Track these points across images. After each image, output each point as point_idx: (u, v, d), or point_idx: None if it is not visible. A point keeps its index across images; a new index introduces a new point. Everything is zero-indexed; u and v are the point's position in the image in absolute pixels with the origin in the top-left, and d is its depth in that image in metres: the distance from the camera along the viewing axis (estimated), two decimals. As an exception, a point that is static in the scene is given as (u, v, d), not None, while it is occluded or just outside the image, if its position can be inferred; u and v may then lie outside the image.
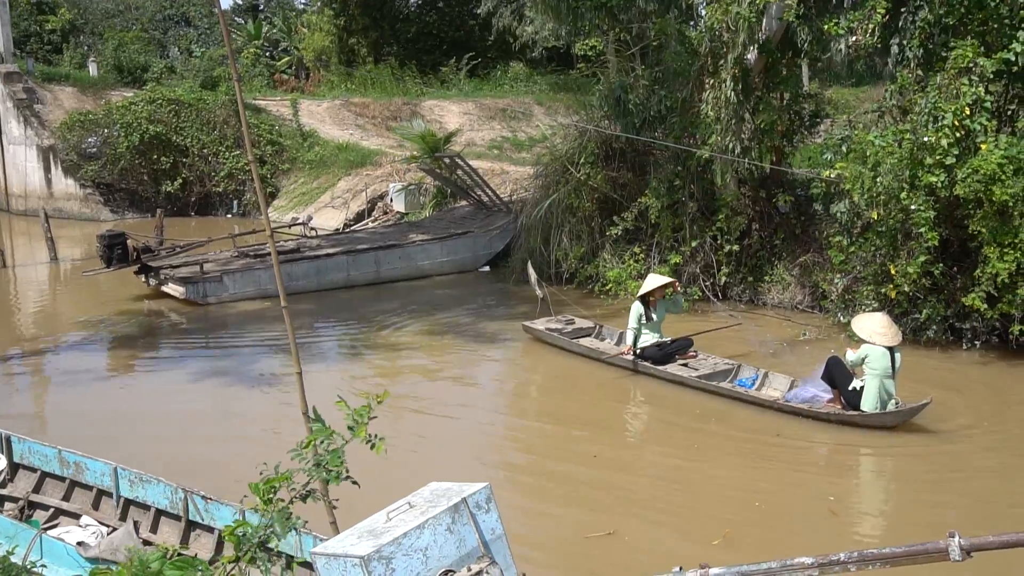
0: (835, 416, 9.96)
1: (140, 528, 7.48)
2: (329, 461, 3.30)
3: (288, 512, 3.16)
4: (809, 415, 10.14)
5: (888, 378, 9.78)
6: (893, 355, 9.80)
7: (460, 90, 33.22)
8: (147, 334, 15.47)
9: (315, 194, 25.72)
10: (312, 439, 3.33)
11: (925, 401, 9.69)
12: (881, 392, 9.75)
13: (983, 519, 7.89)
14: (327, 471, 3.27)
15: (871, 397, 9.76)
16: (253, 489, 3.22)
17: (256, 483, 3.25)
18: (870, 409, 9.74)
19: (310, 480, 3.29)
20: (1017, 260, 11.53)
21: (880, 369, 9.73)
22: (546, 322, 13.73)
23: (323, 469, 3.27)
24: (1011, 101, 12.88)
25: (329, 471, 3.28)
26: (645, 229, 16.27)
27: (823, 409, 10.07)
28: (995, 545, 3.24)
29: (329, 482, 3.29)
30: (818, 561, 3.58)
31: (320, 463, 3.30)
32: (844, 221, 13.18)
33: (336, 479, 3.31)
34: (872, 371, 9.75)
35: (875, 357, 9.74)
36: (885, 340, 9.77)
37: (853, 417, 9.87)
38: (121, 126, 26.88)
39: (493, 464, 9.75)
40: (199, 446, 9.90)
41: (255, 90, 33.62)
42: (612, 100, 16.47)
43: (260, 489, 3.20)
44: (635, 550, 7.61)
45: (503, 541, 4.77)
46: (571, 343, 13.05)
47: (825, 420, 10.03)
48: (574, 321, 13.78)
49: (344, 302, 16.99)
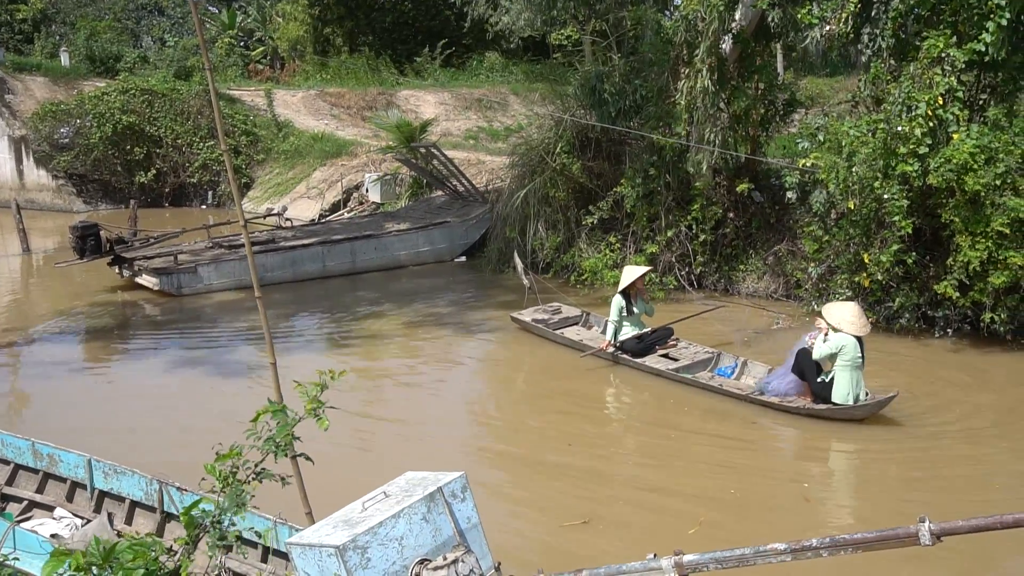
0: (805, 410, 10.00)
1: (115, 520, 7.44)
2: (277, 433, 3.30)
3: (241, 490, 3.16)
4: (780, 408, 10.19)
5: (858, 369, 9.80)
6: (862, 346, 9.83)
7: (436, 80, 33.14)
8: (121, 326, 15.37)
9: (290, 184, 25.61)
10: (261, 413, 3.33)
11: (892, 394, 9.73)
12: (853, 384, 9.77)
13: (954, 506, 7.96)
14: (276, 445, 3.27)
15: (843, 388, 9.77)
16: (209, 470, 3.21)
17: (211, 464, 3.24)
18: (842, 401, 9.77)
19: (264, 457, 3.29)
20: (988, 249, 11.63)
21: (851, 359, 9.75)
22: (533, 312, 13.75)
23: (272, 443, 3.27)
24: (982, 91, 12.99)
25: (278, 445, 3.27)
26: (621, 219, 16.32)
27: (793, 403, 10.12)
28: (964, 529, 3.28)
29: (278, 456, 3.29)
30: (791, 547, 3.61)
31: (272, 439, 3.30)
32: (820, 211, 13.26)
33: (284, 452, 3.30)
34: (844, 362, 9.77)
35: (848, 347, 9.77)
36: (854, 329, 9.78)
37: (822, 411, 9.89)
38: (94, 116, 26.66)
39: (469, 453, 9.76)
40: (174, 437, 9.85)
41: (229, 80, 33.40)
42: (588, 90, 16.48)
43: (216, 470, 3.20)
44: (610, 538, 7.65)
45: (479, 530, 4.78)
46: (555, 334, 13.06)
47: (795, 414, 10.08)
48: (561, 310, 13.81)
49: (320, 293, 16.95)
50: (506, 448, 10.08)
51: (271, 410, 3.33)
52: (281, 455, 3.31)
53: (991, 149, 11.64)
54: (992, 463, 9.03)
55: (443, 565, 4.37)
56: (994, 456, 9.20)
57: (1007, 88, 12.94)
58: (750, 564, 3.72)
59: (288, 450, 3.31)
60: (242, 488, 3.19)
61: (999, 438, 9.65)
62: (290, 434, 3.30)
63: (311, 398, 3.40)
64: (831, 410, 9.82)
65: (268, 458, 3.43)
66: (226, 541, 3.17)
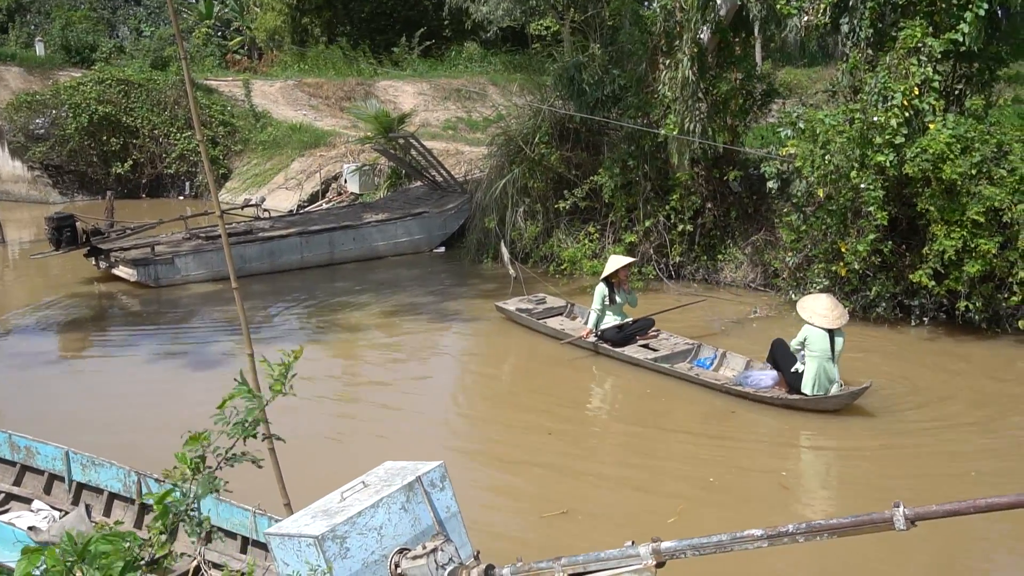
0: (779, 400, 10.03)
1: (93, 512, 7.41)
2: (247, 414, 3.29)
3: (212, 477, 3.15)
4: (754, 398, 10.21)
5: (828, 360, 9.78)
6: (833, 338, 9.80)
7: (414, 70, 33.06)
8: (98, 317, 15.27)
9: (268, 175, 25.50)
10: (229, 397, 3.33)
11: (865, 385, 9.75)
12: (821, 375, 9.76)
13: (929, 492, 8.04)
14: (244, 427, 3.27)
15: (810, 379, 9.79)
16: (180, 458, 3.20)
17: (181, 452, 3.23)
18: (810, 391, 9.79)
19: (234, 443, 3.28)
20: (963, 238, 11.73)
21: (819, 351, 9.75)
22: (518, 301, 13.78)
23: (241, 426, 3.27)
24: (958, 81, 13.08)
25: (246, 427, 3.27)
26: (599, 208, 16.35)
27: (767, 393, 10.14)
28: (938, 514, 3.31)
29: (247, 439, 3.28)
30: (768, 533, 3.64)
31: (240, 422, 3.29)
32: (798, 201, 13.32)
33: (252, 432, 3.30)
34: (812, 353, 9.79)
35: (814, 339, 9.77)
36: (825, 322, 9.77)
37: (796, 401, 9.92)
38: (69, 107, 26.43)
39: (448, 443, 9.75)
40: (152, 429, 9.80)
41: (206, 70, 33.20)
42: (566, 80, 16.48)
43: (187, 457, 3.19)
44: (590, 528, 7.67)
45: (458, 519, 4.80)
46: (538, 324, 13.08)
47: (769, 403, 10.12)
48: (546, 300, 13.83)
49: (298, 283, 16.89)
50: (485, 438, 10.09)
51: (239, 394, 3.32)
52: (250, 436, 3.29)
53: (967, 139, 11.73)
54: (967, 450, 9.11)
55: (422, 554, 4.38)
56: (969, 443, 9.28)
57: (982, 78, 13.05)
58: (727, 550, 3.74)
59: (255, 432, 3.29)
60: (213, 474, 3.18)
61: (973, 425, 9.72)
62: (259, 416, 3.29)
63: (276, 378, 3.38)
64: (804, 400, 9.86)
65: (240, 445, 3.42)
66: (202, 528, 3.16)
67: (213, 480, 3.14)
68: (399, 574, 4.41)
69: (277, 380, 3.39)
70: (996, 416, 9.97)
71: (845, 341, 10.05)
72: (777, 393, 10.09)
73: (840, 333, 9.88)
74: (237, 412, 3.36)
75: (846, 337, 10.06)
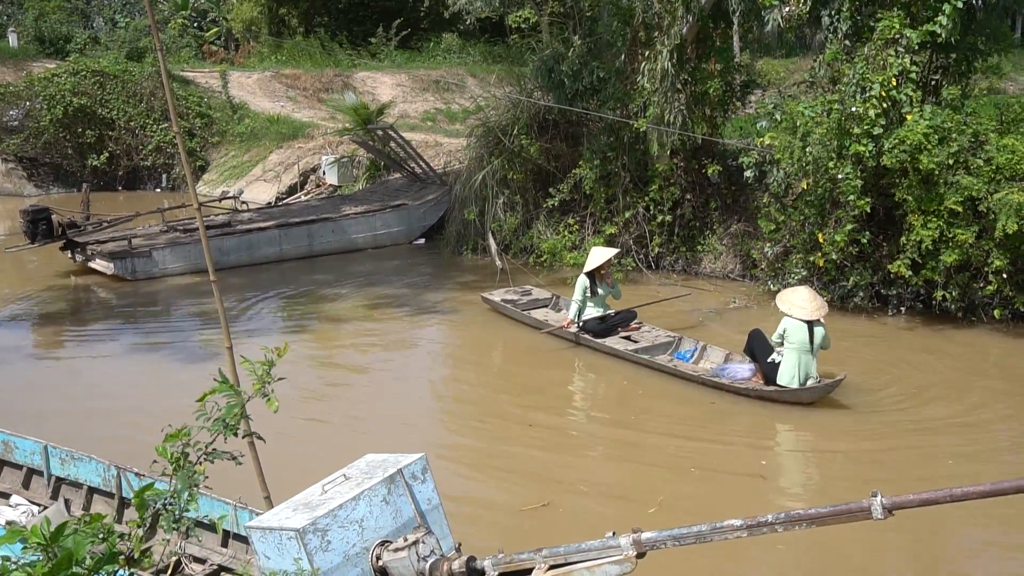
0: (753, 392, 10.05)
1: (73, 506, 7.38)
2: (225, 414, 3.29)
3: (192, 471, 3.15)
4: (730, 390, 10.22)
5: (807, 353, 9.76)
6: (812, 329, 9.79)
7: (392, 62, 32.95)
8: (75, 311, 15.17)
9: (246, 167, 25.36)
10: (208, 394, 3.32)
11: (840, 377, 9.77)
12: (798, 368, 9.75)
13: (906, 482, 8.10)
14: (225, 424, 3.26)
15: (787, 371, 9.79)
16: (160, 452, 3.19)
17: (162, 446, 3.22)
18: (786, 383, 9.78)
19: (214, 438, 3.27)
20: (940, 227, 11.82)
21: (798, 343, 9.74)
22: (504, 292, 13.80)
23: (221, 423, 3.26)
24: (935, 72, 13.16)
25: (227, 424, 3.26)
26: (579, 200, 16.37)
27: (742, 384, 10.16)
28: (915, 503, 3.35)
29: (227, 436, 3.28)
30: (747, 523, 3.66)
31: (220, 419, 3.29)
32: (777, 192, 13.38)
33: (232, 431, 3.29)
34: (790, 345, 9.79)
35: (793, 330, 9.78)
36: (804, 314, 9.77)
37: (770, 393, 9.93)
38: (44, 98, 26.16)
39: (430, 435, 9.76)
40: (131, 423, 9.75)
41: (183, 61, 32.98)
42: (544, 71, 16.47)
43: (167, 452, 3.18)
44: (570, 520, 7.69)
45: (439, 511, 4.81)
46: (522, 315, 13.09)
47: (744, 395, 10.13)
48: (531, 292, 13.85)
49: (277, 276, 16.82)
50: (466, 430, 10.10)
51: (219, 390, 3.31)
52: (231, 434, 3.29)
53: (944, 129, 11.82)
54: (943, 439, 9.19)
55: (404, 546, 4.39)
56: (945, 432, 9.36)
57: (959, 69, 13.14)
58: (707, 541, 3.77)
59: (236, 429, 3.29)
60: (194, 469, 3.17)
61: (951, 415, 9.81)
62: (239, 413, 3.28)
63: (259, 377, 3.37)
64: (779, 392, 9.87)
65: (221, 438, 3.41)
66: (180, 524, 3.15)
67: (193, 475, 3.13)
68: (380, 567, 4.41)
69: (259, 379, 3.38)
70: (973, 407, 10.07)
71: (829, 334, 10.03)
72: (752, 385, 10.11)
73: (820, 325, 9.87)
74: (218, 407, 3.35)
75: (828, 329, 10.05)
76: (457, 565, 4.36)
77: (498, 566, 4.31)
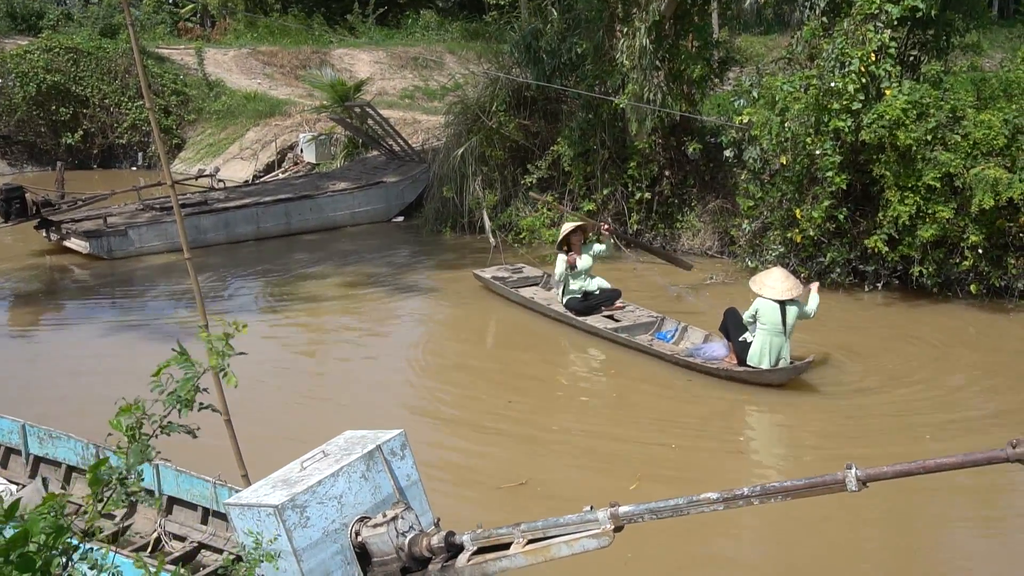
0: (724, 372, 10.00)
1: (51, 485, 7.35)
2: (180, 388, 3.27)
3: (146, 445, 3.13)
4: (701, 370, 10.18)
5: (779, 335, 9.66)
6: (784, 310, 9.69)
7: (370, 38, 32.72)
8: (50, 291, 15.06)
9: (223, 145, 25.18)
10: (164, 366, 3.30)
11: (808, 359, 9.67)
12: (769, 348, 9.67)
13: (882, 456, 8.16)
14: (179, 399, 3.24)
15: (757, 351, 9.72)
16: (115, 425, 3.17)
17: (115, 419, 3.19)
18: (756, 364, 9.72)
19: (169, 411, 3.25)
20: (917, 203, 11.88)
21: (770, 324, 9.66)
22: (495, 270, 13.79)
23: (176, 397, 3.25)
24: (913, 47, 13.18)
25: (181, 399, 3.24)
26: (557, 177, 16.35)
27: (713, 365, 10.10)
28: (889, 475, 3.39)
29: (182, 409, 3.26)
30: (723, 496, 3.70)
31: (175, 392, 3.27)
32: (755, 168, 13.40)
33: (187, 406, 3.27)
34: (761, 325, 9.71)
35: (764, 311, 9.70)
36: (774, 293, 9.66)
37: (740, 374, 9.86)
38: (16, 76, 25.84)
39: (409, 412, 9.73)
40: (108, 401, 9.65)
41: (158, 38, 32.60)
42: (523, 47, 16.41)
43: (122, 425, 3.15)
44: (548, 499, 7.65)
45: (419, 487, 4.82)
46: (511, 292, 13.07)
47: (716, 376, 10.08)
48: (523, 270, 13.82)
49: (255, 254, 16.75)
50: (446, 407, 10.08)
51: (175, 362, 3.29)
52: (185, 410, 3.27)
53: (922, 105, 11.85)
54: (920, 414, 9.26)
55: (383, 522, 4.41)
56: (921, 407, 9.44)
57: (937, 44, 13.17)
58: (684, 514, 3.80)
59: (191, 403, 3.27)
60: (148, 443, 3.15)
61: (928, 390, 9.88)
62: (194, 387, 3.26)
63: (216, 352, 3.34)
64: (748, 373, 9.80)
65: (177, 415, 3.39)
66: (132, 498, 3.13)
67: (146, 449, 3.11)
68: (360, 542, 4.43)
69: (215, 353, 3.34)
70: (950, 382, 10.16)
71: (809, 308, 9.91)
72: (725, 365, 10.08)
73: (795, 304, 9.75)
74: (174, 380, 3.32)
75: (805, 309, 9.92)
76: (436, 540, 4.38)
77: (477, 540, 4.33)
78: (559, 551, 4.04)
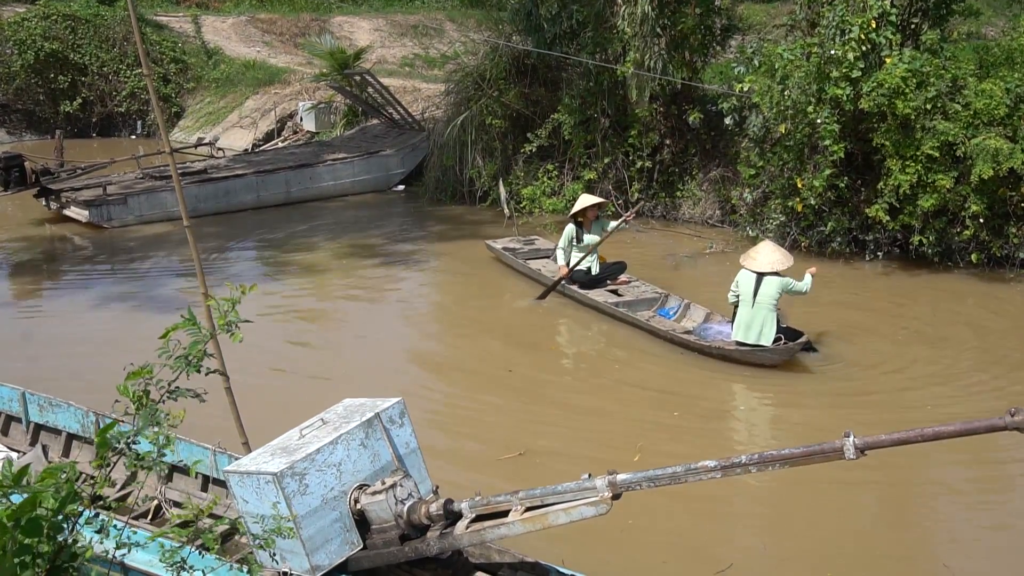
0: (716, 351, 9.83)
1: (51, 452, 7.39)
2: (189, 350, 3.28)
3: (155, 409, 3.14)
4: (695, 347, 10.04)
5: (758, 306, 9.40)
6: (760, 281, 9.45)
7: (370, 6, 32.50)
8: (49, 259, 15.06)
9: (222, 114, 25.09)
10: (171, 329, 3.31)
11: (802, 340, 9.51)
12: (745, 320, 9.47)
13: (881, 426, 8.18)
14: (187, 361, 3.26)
15: (737, 324, 9.58)
16: (122, 391, 3.18)
17: (123, 384, 3.19)
18: (741, 337, 9.54)
19: (176, 376, 3.27)
20: (918, 172, 11.84)
21: (744, 295, 9.51)
22: (507, 241, 13.70)
23: (184, 360, 3.26)
24: (914, 15, 13.08)
25: (189, 361, 3.26)
26: (558, 146, 16.29)
27: (706, 342, 9.97)
28: (887, 443, 3.39)
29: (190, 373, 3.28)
30: (721, 464, 3.70)
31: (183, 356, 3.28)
32: (756, 136, 13.35)
33: (195, 367, 3.29)
34: (742, 298, 9.56)
35: (741, 282, 9.57)
36: (752, 265, 9.53)
37: (731, 352, 9.70)
38: (14, 43, 25.70)
39: (408, 380, 9.72)
40: (108, 370, 9.65)
41: (156, 5, 32.36)
42: (523, 14, 16.29)
43: (129, 390, 3.16)
44: (547, 470, 7.61)
45: (417, 455, 4.83)
46: (519, 263, 12.97)
47: (708, 354, 9.92)
48: (535, 242, 13.69)
49: (255, 224, 16.70)
50: (444, 377, 10.10)
51: (182, 326, 3.30)
52: (193, 371, 3.28)
53: (923, 73, 11.79)
54: (921, 384, 9.27)
55: (382, 490, 4.43)
56: (923, 377, 9.44)
57: (938, 12, 13.08)
58: (682, 482, 3.80)
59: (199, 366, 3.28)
60: (156, 408, 3.16)
61: (928, 359, 9.87)
62: (202, 350, 3.27)
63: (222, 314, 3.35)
64: (740, 352, 9.63)
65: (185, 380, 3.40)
66: (143, 462, 3.15)
67: (155, 413, 3.12)
68: (359, 510, 4.45)
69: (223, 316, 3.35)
70: (950, 351, 10.13)
71: (799, 284, 9.60)
72: (718, 343, 9.88)
73: (776, 278, 9.45)
74: (181, 345, 3.33)
75: (796, 287, 9.60)
76: (435, 508, 4.40)
77: (475, 508, 4.35)
78: (557, 519, 4.06)
